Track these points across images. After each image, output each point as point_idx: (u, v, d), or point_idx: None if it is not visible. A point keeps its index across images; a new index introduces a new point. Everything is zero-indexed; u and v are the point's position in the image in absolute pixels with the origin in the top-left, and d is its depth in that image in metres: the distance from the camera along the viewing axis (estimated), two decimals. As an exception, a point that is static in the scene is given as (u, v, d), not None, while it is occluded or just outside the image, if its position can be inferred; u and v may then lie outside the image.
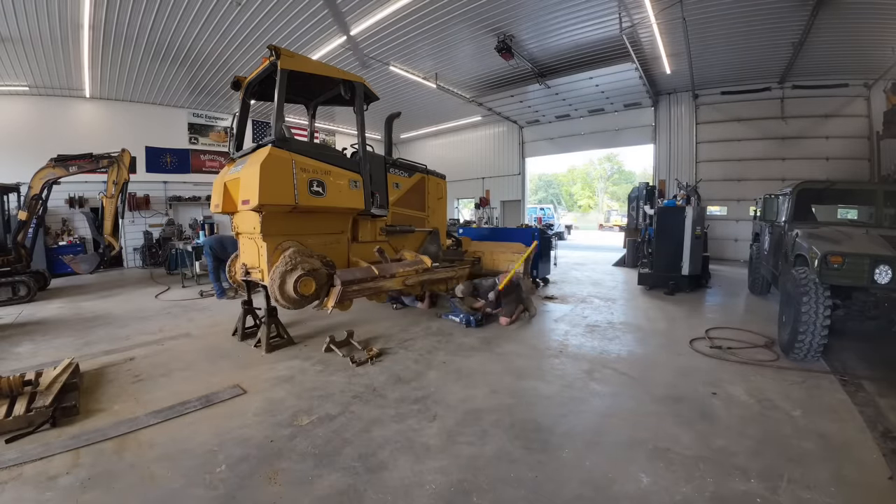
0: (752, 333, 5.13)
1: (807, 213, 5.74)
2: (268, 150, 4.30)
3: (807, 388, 3.61)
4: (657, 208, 8.46)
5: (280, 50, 4.49)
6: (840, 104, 11.21)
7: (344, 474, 2.46)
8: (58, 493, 2.29)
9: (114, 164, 8.51)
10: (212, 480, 2.40)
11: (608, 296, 7.69)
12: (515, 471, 2.49)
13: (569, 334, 5.30)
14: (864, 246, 4.00)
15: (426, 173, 6.75)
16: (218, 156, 14.95)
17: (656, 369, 4.11)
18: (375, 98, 5.65)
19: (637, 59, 10.41)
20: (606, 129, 15.53)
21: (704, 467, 2.49)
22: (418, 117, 17.01)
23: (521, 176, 18.06)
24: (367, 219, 5.58)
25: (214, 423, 3.09)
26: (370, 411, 3.25)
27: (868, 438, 2.81)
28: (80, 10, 7.71)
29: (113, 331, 5.70)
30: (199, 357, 4.57)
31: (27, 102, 11.60)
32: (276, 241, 4.60)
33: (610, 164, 45.97)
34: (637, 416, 3.15)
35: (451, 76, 12.43)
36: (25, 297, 7.71)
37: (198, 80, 11.94)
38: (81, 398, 3.42)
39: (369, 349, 4.55)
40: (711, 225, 11.62)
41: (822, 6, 7.65)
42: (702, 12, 8.29)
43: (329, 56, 10.04)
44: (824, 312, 3.84)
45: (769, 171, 11.96)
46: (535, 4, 8.44)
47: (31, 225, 8.38)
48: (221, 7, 7.99)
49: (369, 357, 4.40)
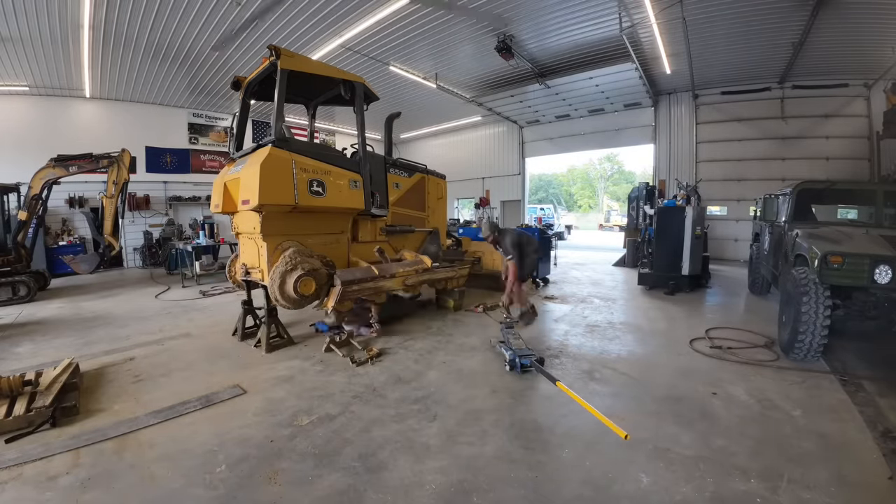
0: (752, 333, 5.12)
1: (807, 213, 5.74)
2: (268, 150, 4.31)
3: (807, 388, 3.61)
4: (657, 208, 8.45)
5: (280, 50, 4.49)
6: (840, 104, 11.21)
7: (344, 474, 2.46)
8: (58, 493, 2.29)
9: (114, 164, 8.52)
10: (212, 480, 2.41)
11: (608, 296, 7.68)
12: (515, 471, 2.49)
13: (569, 334, 5.30)
14: (864, 246, 4.00)
15: (426, 173, 6.76)
16: (218, 156, 14.95)
17: (656, 369, 4.11)
18: (375, 98, 5.66)
19: (637, 59, 10.40)
20: (606, 129, 15.52)
21: (704, 467, 2.49)
22: (418, 117, 17.01)
23: (520, 176, 18.05)
24: (367, 219, 5.59)
25: (214, 423, 3.09)
26: (370, 411, 3.25)
27: (868, 438, 2.81)
28: (80, 10, 7.71)
29: (113, 331, 5.70)
30: (199, 357, 4.57)
31: (27, 102, 11.60)
32: (276, 241, 4.61)
33: (610, 164, 45.97)
34: (637, 416, 3.15)
35: (451, 76, 12.43)
36: (25, 297, 7.72)
37: (198, 80, 11.94)
38: (81, 398, 3.42)
39: (369, 349, 4.54)
40: (711, 225, 11.60)
41: (822, 6, 7.65)
42: (702, 12, 8.29)
43: (329, 56, 10.04)
44: (824, 312, 3.84)
45: (769, 171, 11.96)
46: (535, 4, 8.43)
47: (31, 225, 8.38)
48: (221, 7, 7.99)
49: (369, 357, 4.39)
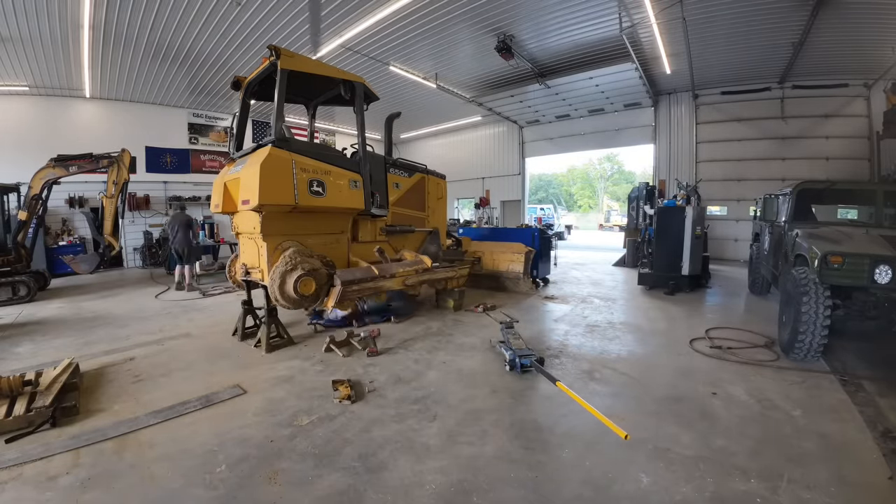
0: (752, 333, 5.12)
1: (807, 213, 5.74)
2: (268, 150, 4.31)
3: (807, 388, 3.61)
4: (657, 208, 8.46)
5: (280, 50, 4.50)
6: (840, 104, 11.21)
7: (344, 474, 2.46)
8: (58, 493, 2.29)
9: (114, 164, 8.51)
10: (212, 480, 2.40)
11: (608, 296, 7.68)
12: (515, 471, 2.48)
13: (569, 334, 5.30)
14: (864, 246, 4.00)
15: (426, 173, 6.76)
16: (218, 156, 14.94)
17: (656, 369, 4.11)
18: (375, 98, 5.66)
19: (637, 59, 10.40)
20: (606, 129, 15.52)
21: (704, 467, 2.49)
22: (418, 117, 17.01)
23: (520, 176, 18.06)
24: (367, 219, 5.59)
25: (214, 423, 3.09)
26: (370, 411, 3.25)
27: (868, 438, 2.81)
28: (80, 10, 7.71)
29: (113, 331, 5.69)
30: (199, 357, 4.56)
31: (27, 102, 11.60)
32: (276, 241, 4.61)
33: (610, 164, 45.97)
34: (637, 416, 3.15)
35: (451, 76, 12.43)
36: (25, 297, 7.71)
37: (198, 80, 11.94)
38: (81, 398, 3.42)
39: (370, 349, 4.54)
40: (711, 225, 11.61)
41: (822, 6, 7.65)
42: (702, 12, 8.29)
43: (329, 56, 10.04)
44: (824, 312, 3.84)
45: (769, 171, 11.96)
46: (535, 4, 8.44)
47: (31, 225, 8.38)
48: (221, 7, 8.00)
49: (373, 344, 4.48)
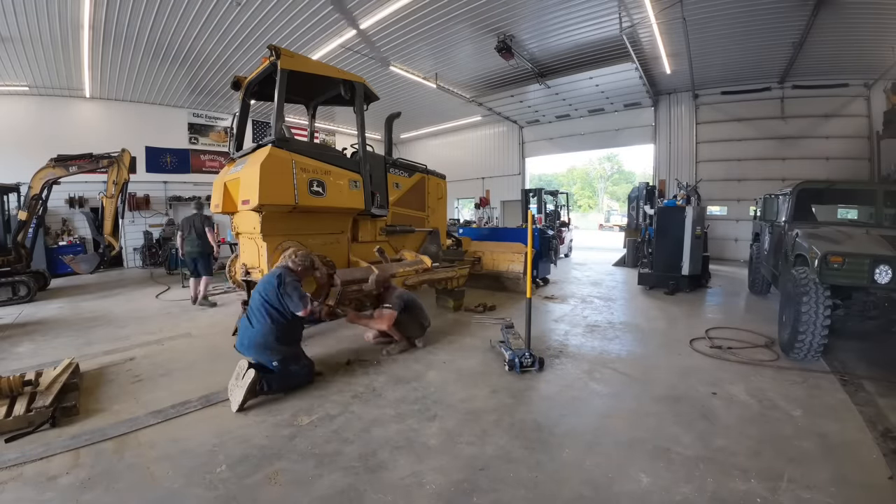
0: (752, 333, 5.12)
1: (807, 213, 5.74)
2: (268, 150, 4.31)
3: (807, 388, 3.61)
4: (657, 208, 8.46)
5: (280, 50, 4.49)
6: (840, 104, 11.21)
7: (344, 474, 2.46)
8: (58, 493, 2.29)
9: (114, 164, 8.51)
10: (212, 480, 2.40)
11: (608, 296, 7.68)
12: (515, 471, 2.48)
13: (569, 334, 5.30)
14: (865, 246, 4.00)
15: (426, 173, 6.75)
16: (218, 156, 14.94)
17: (656, 369, 4.11)
18: (375, 98, 5.65)
19: (637, 59, 10.40)
20: (606, 129, 15.51)
21: (704, 467, 2.49)
22: (418, 117, 17.00)
23: (520, 176, 18.04)
24: (367, 219, 5.58)
25: (215, 422, 3.09)
26: (370, 411, 3.25)
27: (868, 438, 2.81)
28: (80, 10, 7.71)
29: (113, 331, 5.69)
30: (199, 357, 4.56)
31: (27, 102, 11.60)
32: (276, 241, 4.60)
33: (610, 164, 45.96)
34: (637, 416, 3.15)
35: (451, 76, 12.43)
36: (25, 297, 7.71)
37: (198, 80, 11.94)
38: (81, 398, 3.42)
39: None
40: (711, 225, 11.60)
41: (822, 6, 7.65)
42: (702, 12, 8.29)
43: (330, 56, 10.04)
44: (824, 312, 3.84)
45: (769, 171, 11.96)
46: (535, 4, 8.44)
47: (31, 225, 8.37)
48: (221, 7, 7.99)
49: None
